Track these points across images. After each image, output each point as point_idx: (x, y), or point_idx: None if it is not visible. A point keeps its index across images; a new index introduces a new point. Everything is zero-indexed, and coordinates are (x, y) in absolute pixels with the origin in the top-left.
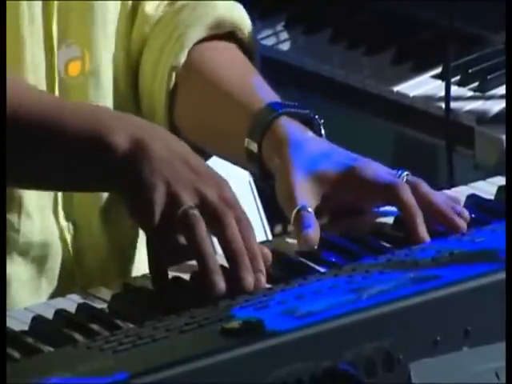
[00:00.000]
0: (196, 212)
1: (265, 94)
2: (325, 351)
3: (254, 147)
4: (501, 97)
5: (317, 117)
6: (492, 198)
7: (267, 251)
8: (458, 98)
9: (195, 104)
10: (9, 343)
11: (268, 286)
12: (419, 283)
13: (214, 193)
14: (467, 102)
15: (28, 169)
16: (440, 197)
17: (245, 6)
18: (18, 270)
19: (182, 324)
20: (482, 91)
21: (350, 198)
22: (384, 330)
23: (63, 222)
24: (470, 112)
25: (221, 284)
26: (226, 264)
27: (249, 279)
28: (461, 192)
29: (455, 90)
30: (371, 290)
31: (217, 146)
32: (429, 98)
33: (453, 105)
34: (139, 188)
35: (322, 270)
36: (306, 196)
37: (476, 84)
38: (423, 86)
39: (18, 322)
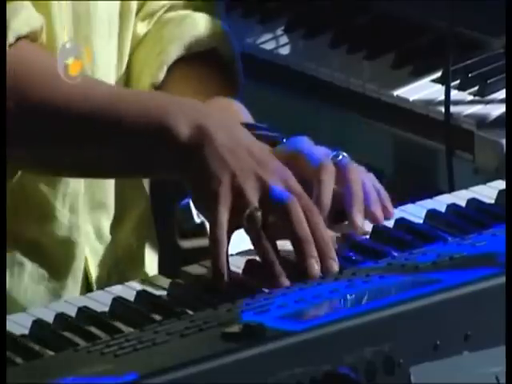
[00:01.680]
0: (259, 213)
1: (237, 112)
2: (325, 355)
3: None
4: (501, 101)
5: (285, 140)
6: (492, 202)
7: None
8: (458, 103)
9: None
10: (9, 347)
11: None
12: (419, 287)
13: (279, 183)
14: (467, 106)
15: (89, 159)
16: (357, 191)
17: (245, 10)
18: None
19: (182, 328)
20: (482, 95)
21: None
22: (384, 333)
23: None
24: (469, 116)
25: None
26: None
27: (315, 266)
28: (461, 196)
29: (455, 94)
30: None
31: None
32: (429, 102)
33: (453, 109)
34: (203, 178)
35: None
36: None
37: (476, 88)
38: (423, 90)
39: (18, 326)
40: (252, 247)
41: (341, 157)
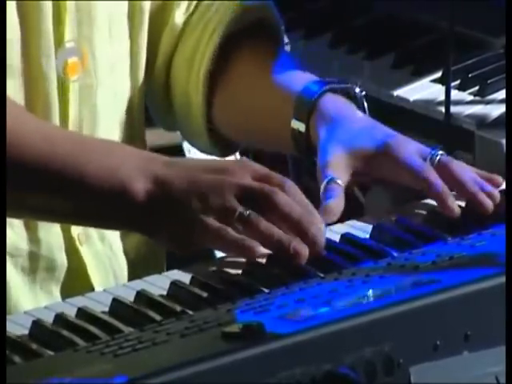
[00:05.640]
0: (249, 212)
1: (302, 75)
2: (325, 355)
3: (301, 127)
4: (501, 101)
5: (359, 89)
6: None
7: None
8: (458, 103)
9: (235, 99)
10: (9, 347)
11: (267, 290)
12: (419, 287)
13: (247, 178)
14: (467, 106)
15: (47, 208)
16: (468, 176)
17: None
18: (21, 276)
19: (182, 328)
20: (482, 95)
21: (380, 176)
22: (384, 333)
23: (74, 233)
24: (469, 116)
25: (304, 249)
26: None
27: (321, 234)
28: None
29: (455, 94)
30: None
31: (261, 134)
32: (429, 103)
33: (453, 109)
34: (179, 219)
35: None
36: (338, 170)
37: (476, 88)
38: (423, 90)
39: (18, 326)
40: None
41: (439, 155)
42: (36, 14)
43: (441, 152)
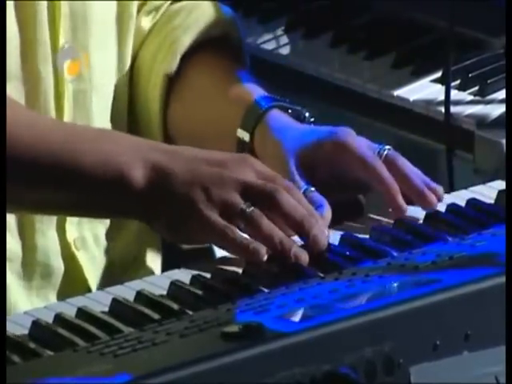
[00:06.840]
0: (252, 208)
1: (255, 90)
2: (325, 355)
3: (246, 137)
4: (501, 101)
5: (307, 113)
6: (492, 202)
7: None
8: (458, 103)
9: (189, 106)
10: (9, 347)
11: (267, 289)
12: (419, 287)
13: (251, 175)
14: (467, 106)
15: (45, 201)
16: (414, 172)
17: (245, 10)
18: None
19: (182, 328)
20: (482, 95)
21: (334, 166)
22: (384, 333)
23: (70, 238)
24: (469, 116)
25: (304, 255)
26: None
27: (323, 236)
28: (461, 196)
29: (455, 94)
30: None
31: (208, 141)
32: (429, 102)
33: (453, 109)
34: (180, 209)
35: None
36: (302, 176)
37: (476, 88)
38: (423, 90)
39: (17, 326)
40: None
41: (387, 150)
42: (32, 19)
43: (388, 147)
